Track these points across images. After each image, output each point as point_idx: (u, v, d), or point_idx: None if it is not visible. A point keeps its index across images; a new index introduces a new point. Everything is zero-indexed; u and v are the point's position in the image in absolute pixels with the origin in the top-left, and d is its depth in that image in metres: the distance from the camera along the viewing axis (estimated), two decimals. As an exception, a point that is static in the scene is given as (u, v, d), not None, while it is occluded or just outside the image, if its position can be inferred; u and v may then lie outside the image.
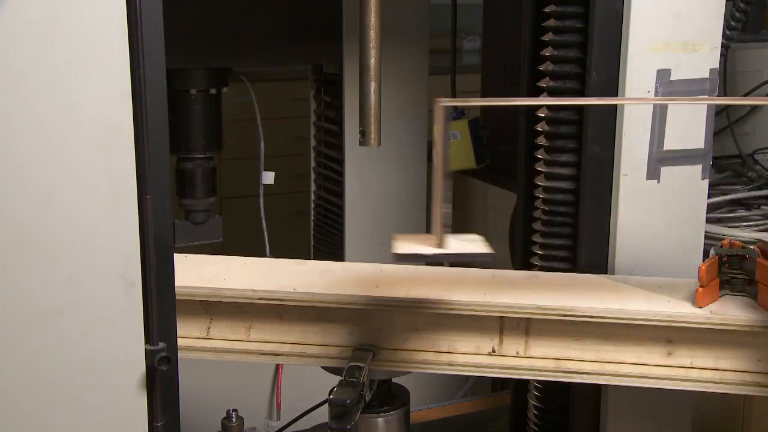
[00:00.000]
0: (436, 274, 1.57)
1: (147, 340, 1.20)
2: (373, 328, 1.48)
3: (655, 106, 1.59)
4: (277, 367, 2.38)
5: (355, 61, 1.53)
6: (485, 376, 1.59)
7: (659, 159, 1.63)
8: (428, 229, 1.29)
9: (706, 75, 1.62)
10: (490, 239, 1.32)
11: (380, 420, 1.54)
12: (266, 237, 2.43)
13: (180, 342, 1.28)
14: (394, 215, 2.46)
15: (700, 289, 1.43)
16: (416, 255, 1.30)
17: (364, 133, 1.51)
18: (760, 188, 2.33)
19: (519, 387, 1.94)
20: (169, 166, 1.20)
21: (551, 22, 1.66)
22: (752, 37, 2.22)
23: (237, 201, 2.60)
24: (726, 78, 1.99)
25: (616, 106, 1.60)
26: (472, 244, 1.35)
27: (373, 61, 1.50)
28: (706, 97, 1.53)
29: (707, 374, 1.44)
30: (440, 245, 1.31)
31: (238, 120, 2.57)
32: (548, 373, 1.48)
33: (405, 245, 1.33)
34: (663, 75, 1.59)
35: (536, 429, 1.85)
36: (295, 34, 2.22)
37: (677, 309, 1.43)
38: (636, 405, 1.72)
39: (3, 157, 1.10)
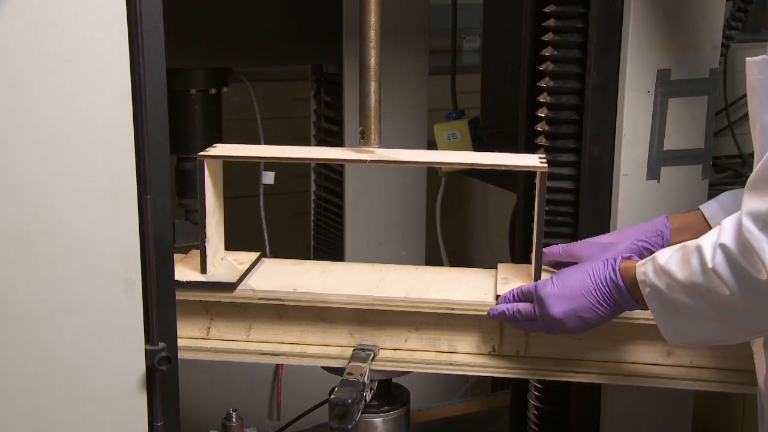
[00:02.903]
0: (436, 274, 1.56)
1: (147, 340, 1.20)
2: (373, 328, 1.48)
3: (655, 105, 1.59)
4: (277, 367, 2.38)
5: (355, 61, 1.53)
6: (485, 376, 1.59)
7: (659, 159, 1.63)
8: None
9: (706, 75, 1.62)
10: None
11: (380, 420, 1.54)
12: (266, 237, 2.43)
13: (180, 342, 1.28)
14: (394, 215, 2.46)
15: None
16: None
17: (364, 133, 1.51)
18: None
19: (519, 387, 1.94)
20: (169, 166, 1.20)
21: (551, 22, 1.66)
22: (752, 37, 2.22)
23: (237, 201, 2.60)
24: (726, 78, 1.99)
25: (615, 106, 1.60)
26: None
27: (373, 61, 1.50)
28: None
29: (707, 374, 1.44)
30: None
31: (238, 120, 2.56)
32: (548, 373, 1.48)
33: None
34: (663, 75, 1.59)
35: (536, 429, 1.85)
36: (296, 35, 2.21)
37: (677, 309, 1.43)
38: (636, 405, 1.72)
39: (3, 157, 1.10)
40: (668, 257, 1.21)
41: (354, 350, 1.47)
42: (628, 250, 1.45)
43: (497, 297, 1.43)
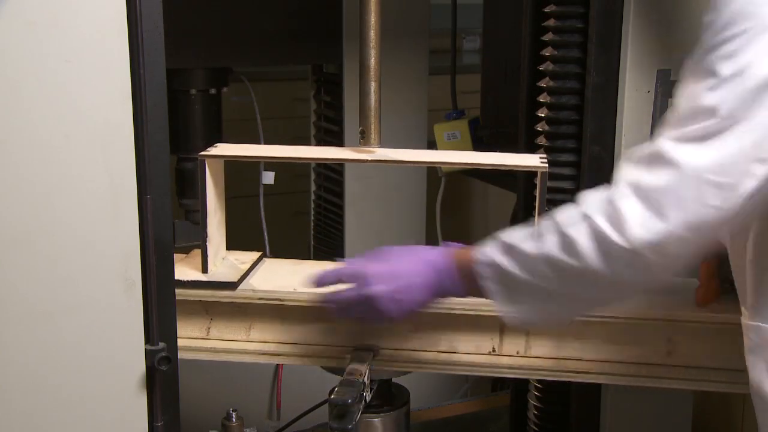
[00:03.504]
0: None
1: (147, 340, 1.20)
2: (373, 328, 1.48)
3: (655, 104, 1.59)
4: (277, 367, 2.38)
5: (355, 61, 1.53)
6: (485, 376, 1.59)
7: (659, 159, 1.62)
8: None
9: (706, 75, 1.61)
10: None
11: (380, 420, 1.54)
12: (266, 237, 2.43)
13: (180, 342, 1.28)
14: (394, 215, 2.46)
15: (701, 288, 1.43)
16: None
17: (364, 133, 1.51)
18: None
19: (519, 387, 1.94)
20: (170, 166, 1.20)
21: (551, 22, 1.66)
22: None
23: (237, 201, 2.61)
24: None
25: (615, 106, 1.60)
26: None
27: (373, 61, 1.50)
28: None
29: (707, 374, 1.44)
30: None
31: (238, 120, 2.56)
32: (548, 373, 1.48)
33: None
34: (663, 75, 1.59)
35: (536, 429, 1.85)
36: (295, 35, 2.21)
37: (677, 308, 1.43)
38: (636, 405, 1.72)
39: (3, 157, 1.10)
40: (516, 235, 1.20)
41: (354, 350, 1.46)
42: None
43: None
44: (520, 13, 1.74)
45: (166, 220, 1.20)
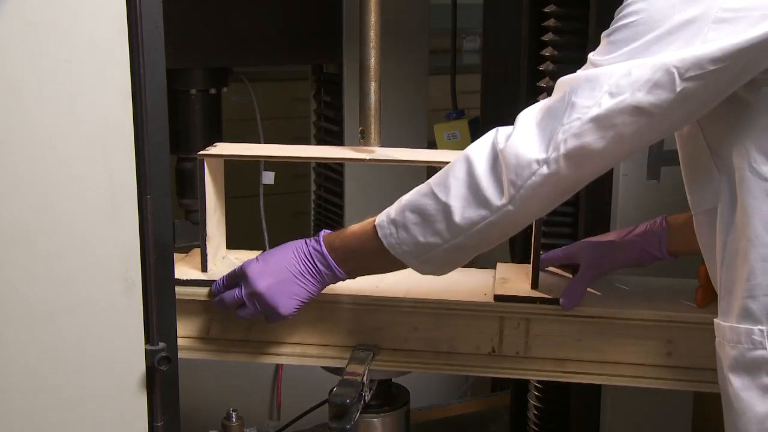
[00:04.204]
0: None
1: (147, 340, 1.20)
2: (373, 328, 1.48)
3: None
4: (277, 367, 2.38)
5: (355, 61, 1.54)
6: (485, 376, 1.59)
7: (659, 159, 1.63)
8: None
9: (706, 75, 1.61)
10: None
11: (380, 420, 1.54)
12: (266, 237, 2.43)
13: (180, 342, 1.28)
14: (394, 215, 2.45)
15: (700, 289, 1.43)
16: None
17: (364, 133, 1.52)
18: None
19: (519, 387, 1.94)
20: (170, 166, 1.20)
21: (551, 22, 1.66)
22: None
23: (237, 201, 2.61)
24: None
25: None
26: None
27: (373, 61, 1.50)
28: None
29: (707, 374, 1.44)
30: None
31: (238, 120, 2.57)
32: (548, 373, 1.48)
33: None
34: (663, 75, 1.58)
35: (536, 429, 1.85)
36: (295, 35, 2.22)
37: (677, 309, 1.43)
38: (636, 405, 1.73)
39: (3, 157, 1.10)
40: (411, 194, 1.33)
41: (354, 350, 1.46)
42: (628, 250, 1.45)
43: (495, 297, 1.43)
44: (520, 13, 1.74)
45: (166, 220, 1.20)
